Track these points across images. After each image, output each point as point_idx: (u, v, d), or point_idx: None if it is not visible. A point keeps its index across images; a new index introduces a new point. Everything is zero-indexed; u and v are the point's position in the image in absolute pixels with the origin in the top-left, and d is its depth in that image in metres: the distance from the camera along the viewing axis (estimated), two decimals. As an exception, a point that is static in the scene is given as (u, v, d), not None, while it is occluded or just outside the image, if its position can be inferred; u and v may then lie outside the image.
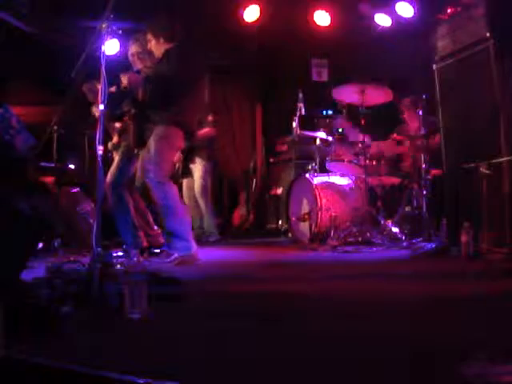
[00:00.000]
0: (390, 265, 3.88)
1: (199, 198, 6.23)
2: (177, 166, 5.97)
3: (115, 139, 4.51)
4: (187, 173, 6.31)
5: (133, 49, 4.35)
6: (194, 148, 5.94)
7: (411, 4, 6.12)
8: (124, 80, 3.97)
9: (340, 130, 5.84)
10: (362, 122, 5.27)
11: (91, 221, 4.83)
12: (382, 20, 6.48)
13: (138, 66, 4.34)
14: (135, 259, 3.81)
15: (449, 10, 4.25)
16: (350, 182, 5.40)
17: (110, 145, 4.50)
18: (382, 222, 4.95)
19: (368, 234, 4.82)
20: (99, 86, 3.94)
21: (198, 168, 6.29)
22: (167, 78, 3.87)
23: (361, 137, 5.10)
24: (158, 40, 4.07)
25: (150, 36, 4.12)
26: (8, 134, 2.44)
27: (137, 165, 4.28)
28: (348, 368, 1.42)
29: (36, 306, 1.89)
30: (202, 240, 5.67)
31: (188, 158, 6.20)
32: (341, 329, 1.87)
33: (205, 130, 6.09)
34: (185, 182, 6.35)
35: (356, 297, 2.56)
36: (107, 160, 4.29)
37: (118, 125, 4.38)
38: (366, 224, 4.92)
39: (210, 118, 6.29)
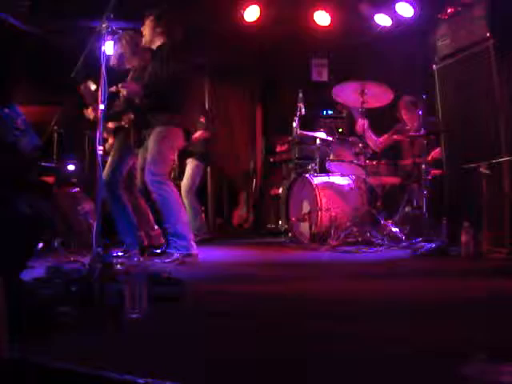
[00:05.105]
0: (390, 265, 3.88)
1: (184, 198, 6.14)
2: (173, 167, 5.96)
3: (110, 140, 4.51)
4: (183, 174, 6.30)
5: (118, 49, 4.33)
6: (187, 150, 5.92)
7: (411, 4, 6.11)
8: (124, 92, 3.96)
9: (340, 130, 5.85)
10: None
11: (91, 221, 4.83)
12: (382, 20, 6.48)
13: (126, 65, 4.33)
14: (135, 259, 3.81)
15: (449, 10, 4.25)
16: (350, 182, 5.40)
17: (106, 146, 4.49)
18: (382, 221, 4.95)
19: (368, 234, 4.82)
20: (92, 87, 3.95)
21: (188, 168, 6.28)
22: (162, 78, 3.86)
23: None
24: (155, 28, 4.06)
25: (149, 21, 4.10)
26: (12, 135, 2.44)
27: (136, 164, 4.28)
28: (348, 368, 1.42)
29: (36, 306, 1.89)
30: None
31: (182, 160, 6.19)
32: (341, 329, 1.87)
33: (198, 134, 6.07)
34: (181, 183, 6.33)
35: (356, 297, 2.56)
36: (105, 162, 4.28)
37: (110, 125, 4.36)
38: (366, 224, 4.92)
39: (201, 119, 6.28)
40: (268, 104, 8.19)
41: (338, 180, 5.43)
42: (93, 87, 3.96)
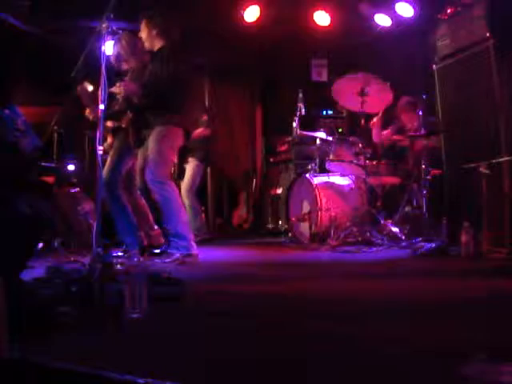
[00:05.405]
0: (389, 265, 3.88)
1: (184, 198, 6.11)
2: (172, 167, 5.95)
3: (109, 140, 4.50)
4: (183, 174, 6.29)
5: (117, 50, 4.32)
6: (187, 148, 5.91)
7: (411, 4, 6.11)
8: (121, 92, 3.96)
9: (340, 130, 5.84)
10: (362, 122, 5.28)
11: (91, 221, 4.83)
12: (382, 20, 6.48)
13: (124, 66, 4.33)
14: (135, 259, 3.81)
15: (449, 10, 4.25)
16: (350, 182, 5.40)
17: (105, 145, 4.49)
18: (382, 221, 4.95)
19: (368, 234, 4.82)
20: (89, 88, 3.95)
21: (189, 168, 6.27)
22: (162, 78, 3.86)
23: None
24: (151, 31, 4.07)
25: (143, 26, 4.11)
26: (13, 135, 2.45)
27: (136, 164, 4.28)
28: (348, 368, 1.42)
29: (36, 306, 1.89)
30: None
31: (182, 159, 6.18)
32: (341, 329, 1.87)
33: (199, 130, 6.06)
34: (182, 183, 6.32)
35: (356, 297, 2.56)
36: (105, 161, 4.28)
37: (110, 124, 4.36)
38: (366, 224, 4.92)
39: (204, 117, 6.28)
40: (268, 104, 8.19)
41: (338, 180, 5.43)
42: (90, 88, 3.96)
